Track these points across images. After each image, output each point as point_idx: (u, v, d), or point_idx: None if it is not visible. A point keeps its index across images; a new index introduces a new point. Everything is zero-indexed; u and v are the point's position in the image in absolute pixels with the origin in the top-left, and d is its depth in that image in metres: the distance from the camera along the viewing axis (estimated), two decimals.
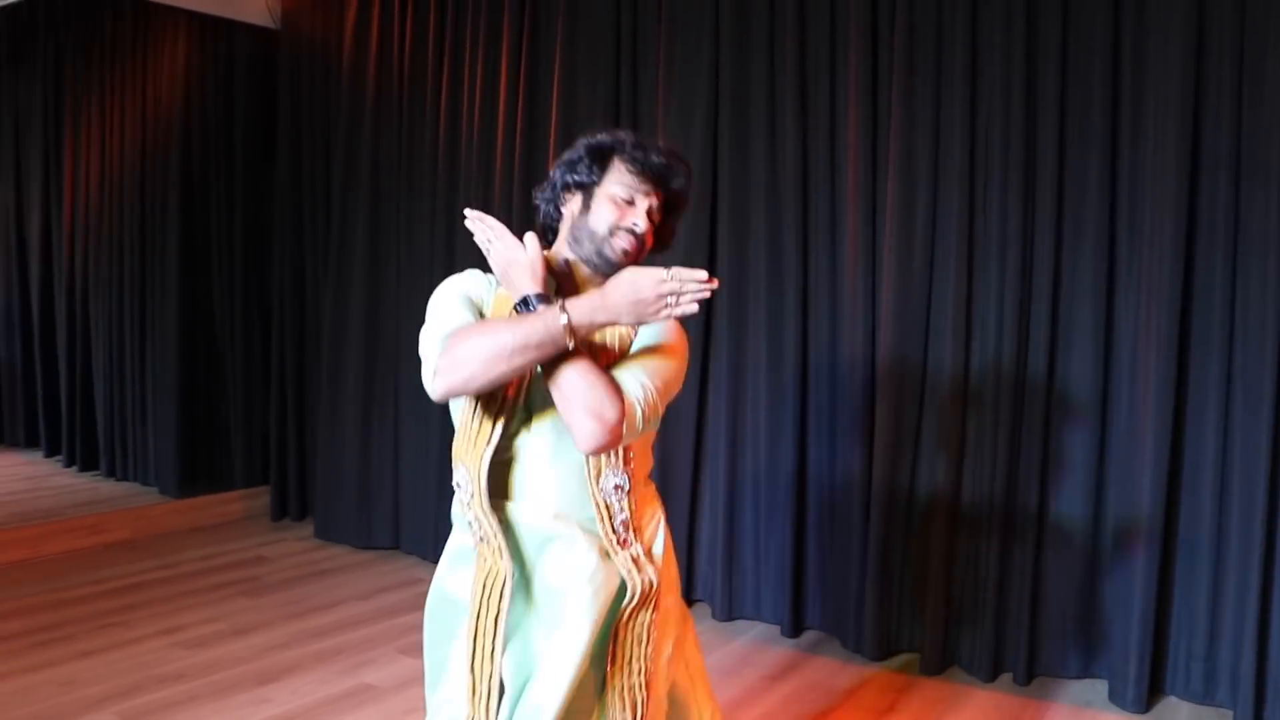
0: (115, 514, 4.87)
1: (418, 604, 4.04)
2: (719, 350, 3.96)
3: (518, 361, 1.55)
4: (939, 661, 3.53)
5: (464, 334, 1.59)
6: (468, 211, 1.74)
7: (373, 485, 4.85)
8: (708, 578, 4.08)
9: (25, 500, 5.15)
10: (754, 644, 3.76)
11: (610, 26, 4.10)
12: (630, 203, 1.78)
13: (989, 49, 3.39)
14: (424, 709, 1.79)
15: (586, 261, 1.79)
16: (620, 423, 1.58)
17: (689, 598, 4.10)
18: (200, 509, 5.12)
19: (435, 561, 4.27)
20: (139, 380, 5.36)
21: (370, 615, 3.95)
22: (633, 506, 1.72)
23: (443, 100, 4.48)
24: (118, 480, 5.52)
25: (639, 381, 1.65)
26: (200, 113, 5.17)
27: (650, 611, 1.72)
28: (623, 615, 1.69)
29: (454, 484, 1.74)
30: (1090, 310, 3.32)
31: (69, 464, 5.81)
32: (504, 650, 1.67)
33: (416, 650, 3.57)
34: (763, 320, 3.86)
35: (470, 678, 1.69)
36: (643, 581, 1.69)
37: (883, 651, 3.62)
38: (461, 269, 1.85)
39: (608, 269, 1.75)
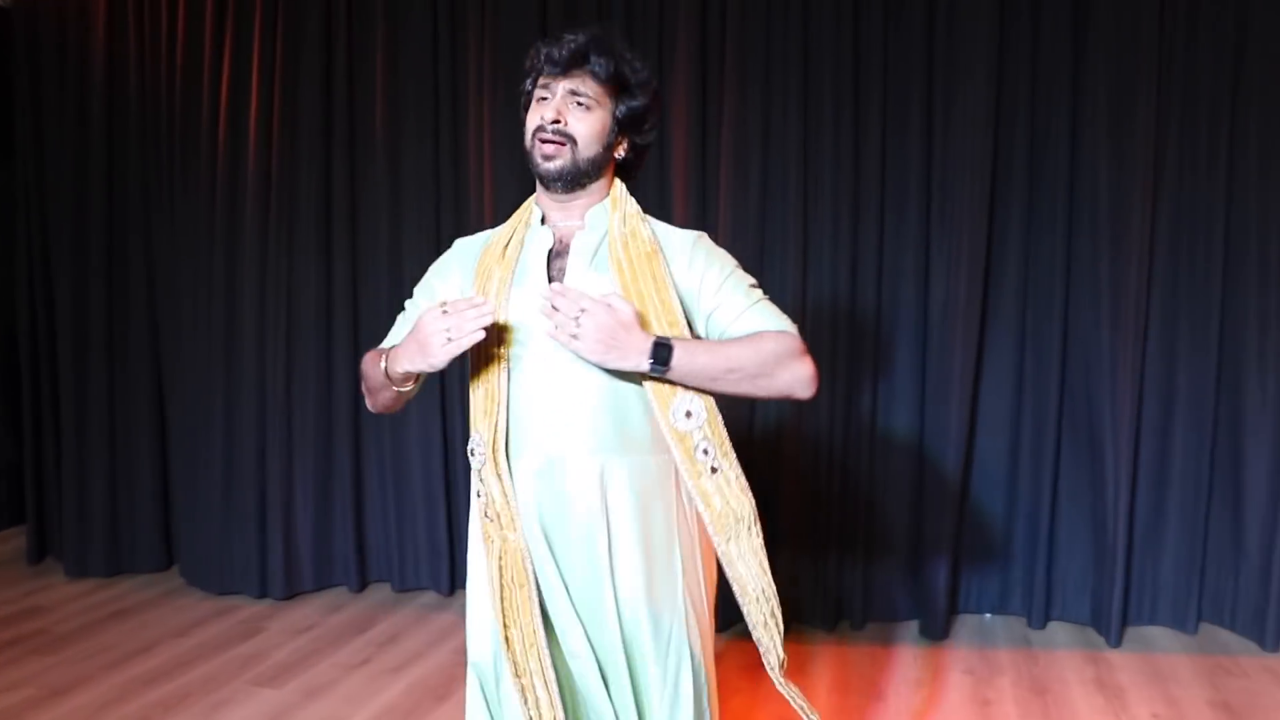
0: None
1: (244, 633, 3.78)
2: None
3: (384, 397, 1.71)
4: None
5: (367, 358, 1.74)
6: (553, 288, 1.54)
7: (136, 510, 4.43)
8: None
9: None
10: None
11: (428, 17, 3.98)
12: (544, 100, 1.65)
13: (819, 49, 3.64)
14: None
15: (538, 180, 1.69)
16: (803, 347, 1.60)
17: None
18: None
19: (227, 592, 4.11)
20: None
21: (199, 652, 3.62)
22: (717, 432, 1.63)
23: (224, 89, 4.11)
24: None
25: (759, 303, 1.65)
26: None
27: (757, 535, 1.66)
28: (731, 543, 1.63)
29: (469, 451, 1.69)
30: (912, 287, 3.67)
31: None
32: (547, 633, 1.59)
33: (270, 680, 3.35)
34: None
35: (518, 681, 1.58)
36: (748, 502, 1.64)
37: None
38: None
39: (548, 185, 1.66)
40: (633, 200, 1.71)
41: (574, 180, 1.65)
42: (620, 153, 1.70)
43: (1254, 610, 3.53)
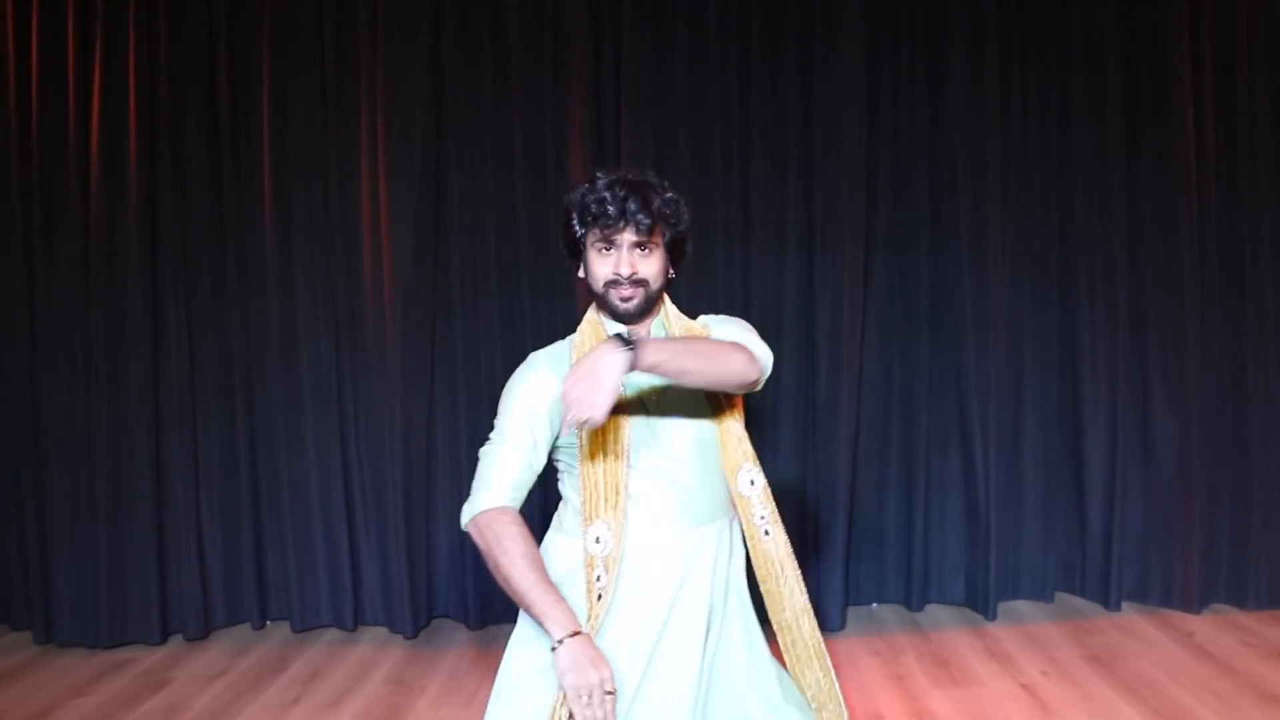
0: None
1: (152, 684, 3.68)
2: (453, 358, 4.09)
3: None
4: None
5: (498, 531, 1.78)
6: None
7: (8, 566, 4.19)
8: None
9: None
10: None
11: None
12: (610, 247, 1.85)
13: (705, 88, 3.93)
14: None
15: (608, 313, 1.90)
16: (749, 354, 1.82)
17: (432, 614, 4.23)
18: None
19: (117, 644, 4.00)
20: None
21: (111, 710, 3.44)
22: (770, 500, 1.95)
23: (96, 107, 3.94)
24: None
25: (747, 333, 1.96)
26: None
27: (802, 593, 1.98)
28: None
29: (594, 541, 1.82)
30: (799, 307, 4.01)
31: None
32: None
33: None
34: (497, 328, 4.06)
35: None
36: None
37: None
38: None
39: (621, 320, 1.89)
40: (674, 307, 1.98)
41: (646, 312, 1.90)
42: (671, 273, 1.95)
43: (1099, 577, 4.08)
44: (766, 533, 1.93)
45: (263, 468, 4.12)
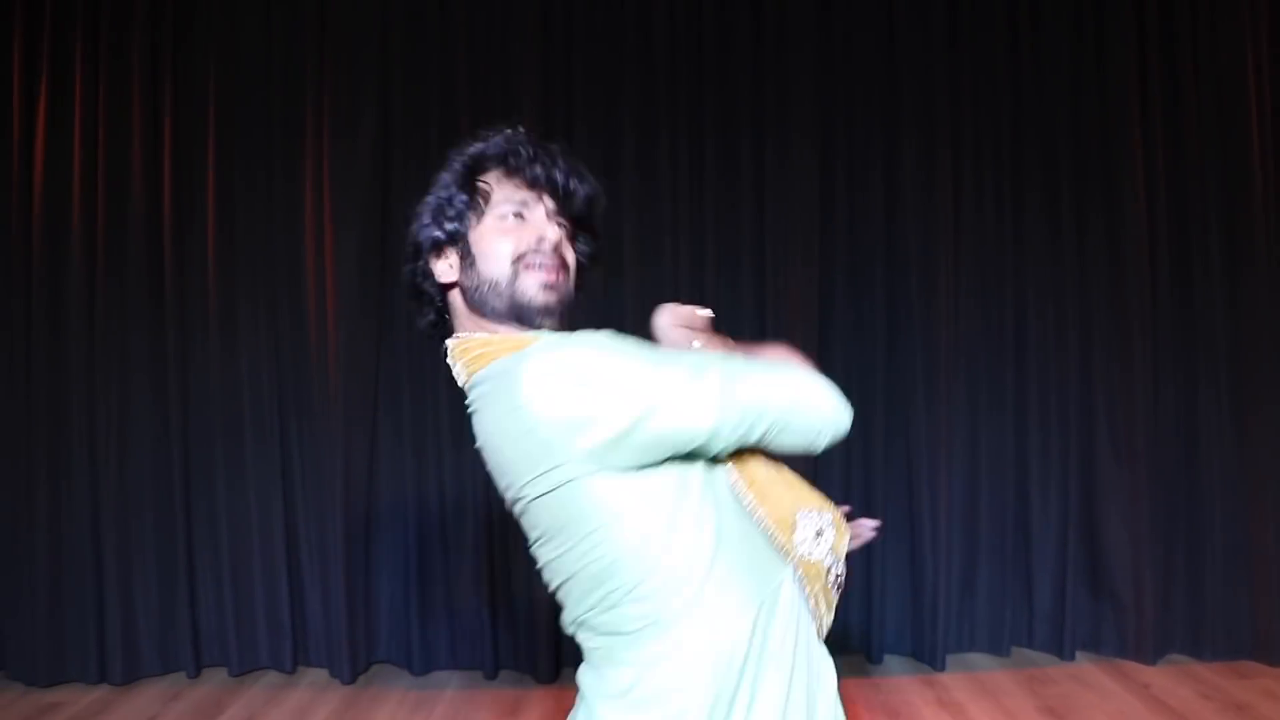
0: None
1: None
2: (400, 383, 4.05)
3: None
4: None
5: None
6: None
7: None
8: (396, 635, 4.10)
9: None
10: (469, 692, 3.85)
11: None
12: (520, 216, 1.29)
13: (654, 121, 3.97)
14: None
15: (511, 320, 1.29)
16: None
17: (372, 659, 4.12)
18: None
19: (55, 683, 3.92)
20: None
21: None
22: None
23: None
24: None
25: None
26: None
27: None
28: None
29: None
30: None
31: None
32: None
33: None
34: (444, 372, 3.95)
35: None
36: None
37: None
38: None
39: (536, 318, 1.27)
40: None
41: (563, 315, 1.30)
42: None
43: (1051, 628, 4.01)
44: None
45: (198, 502, 4.03)
